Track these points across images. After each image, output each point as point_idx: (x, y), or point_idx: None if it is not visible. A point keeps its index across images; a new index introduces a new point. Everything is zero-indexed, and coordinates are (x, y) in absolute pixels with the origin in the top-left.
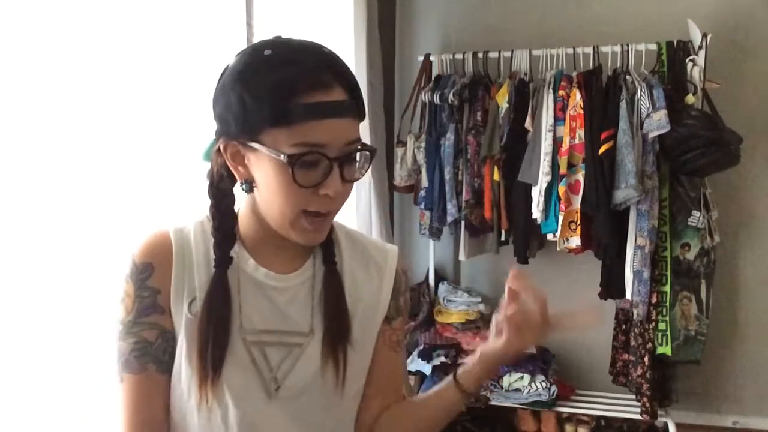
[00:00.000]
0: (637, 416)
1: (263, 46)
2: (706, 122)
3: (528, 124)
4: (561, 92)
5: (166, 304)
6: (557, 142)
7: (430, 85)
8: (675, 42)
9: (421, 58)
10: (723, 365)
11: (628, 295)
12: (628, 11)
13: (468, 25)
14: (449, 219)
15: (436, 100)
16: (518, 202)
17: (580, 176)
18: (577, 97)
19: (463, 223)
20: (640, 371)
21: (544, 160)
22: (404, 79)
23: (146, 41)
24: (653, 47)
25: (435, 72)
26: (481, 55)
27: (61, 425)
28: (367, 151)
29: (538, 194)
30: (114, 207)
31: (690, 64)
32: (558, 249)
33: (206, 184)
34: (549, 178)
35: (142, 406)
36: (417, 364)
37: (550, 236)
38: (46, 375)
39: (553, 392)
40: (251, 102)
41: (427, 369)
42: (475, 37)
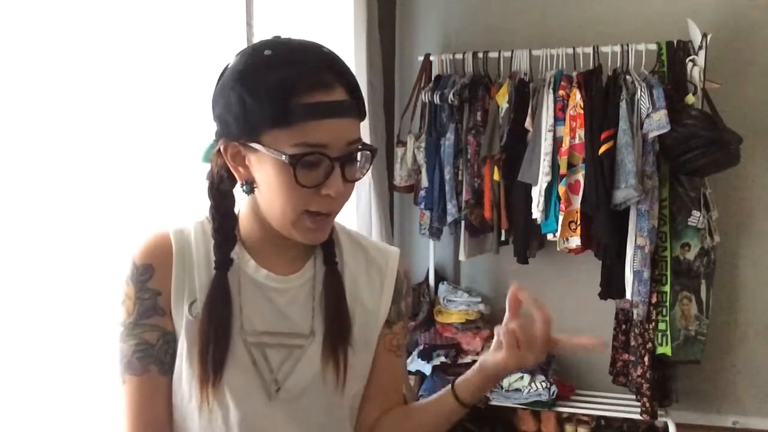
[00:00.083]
0: (637, 416)
1: (263, 46)
2: (706, 122)
3: (528, 124)
4: (561, 92)
5: (167, 305)
6: (557, 142)
7: (430, 85)
8: (675, 42)
9: (421, 58)
10: (723, 365)
11: (628, 295)
12: (628, 11)
13: (468, 25)
14: (449, 219)
15: (436, 100)
16: (518, 202)
17: (580, 176)
18: (577, 97)
19: (463, 223)
20: (640, 371)
21: (544, 160)
22: (404, 79)
23: (146, 41)
24: (653, 47)
25: (435, 72)
26: (481, 55)
27: (61, 425)
28: (368, 151)
29: (538, 194)
30: (114, 208)
31: (690, 64)
32: (558, 249)
33: (206, 185)
34: (549, 178)
35: (144, 408)
36: (417, 364)
37: (550, 236)
38: (46, 375)
39: (553, 392)
40: (252, 102)
41: (427, 369)
42: (475, 37)
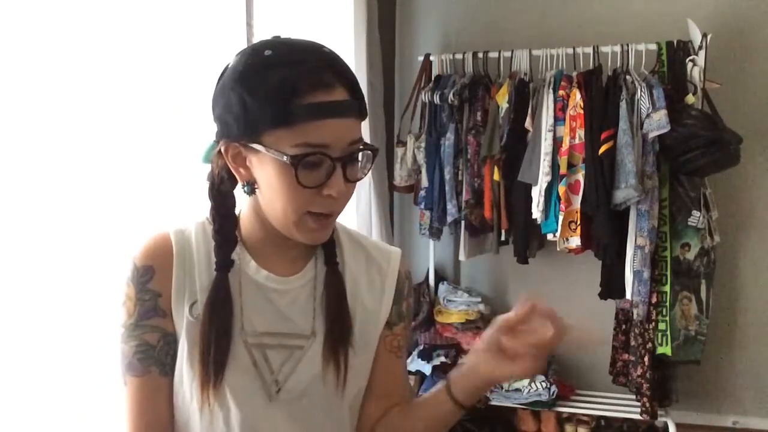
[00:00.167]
0: (637, 416)
1: (263, 46)
2: (706, 122)
3: (528, 124)
4: (561, 92)
5: (168, 307)
6: (557, 142)
7: (430, 85)
8: (675, 42)
9: (421, 58)
10: (723, 365)
11: (628, 295)
12: (628, 11)
13: (468, 25)
14: (449, 219)
15: (436, 100)
16: (518, 202)
17: (580, 176)
18: (577, 97)
19: (463, 223)
20: (640, 371)
21: (544, 160)
22: (404, 79)
23: (146, 41)
24: (653, 47)
25: (435, 72)
26: (481, 55)
27: (61, 425)
28: (369, 151)
29: (538, 194)
30: (114, 208)
31: (690, 64)
32: (558, 249)
33: (207, 186)
34: (549, 178)
35: (146, 409)
36: (417, 364)
37: (550, 236)
38: (47, 375)
39: (553, 392)
40: (252, 103)
41: (427, 369)
42: (475, 37)
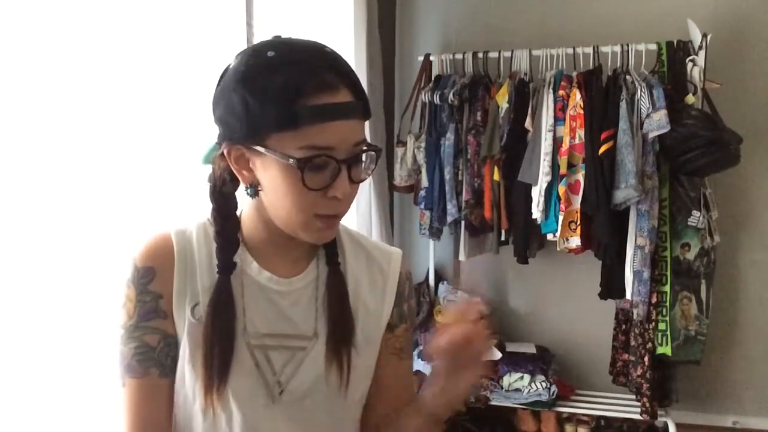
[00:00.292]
0: (637, 416)
1: (265, 47)
2: (706, 122)
3: (528, 124)
4: (561, 92)
5: (168, 308)
6: (557, 142)
7: (430, 85)
8: (675, 42)
9: (421, 58)
10: (723, 365)
11: (628, 295)
12: (628, 11)
13: (468, 25)
14: (449, 219)
15: (436, 100)
16: (518, 202)
17: (580, 176)
18: (577, 97)
19: (463, 223)
20: (640, 371)
21: (544, 160)
22: (404, 79)
23: (146, 41)
24: (653, 47)
25: (435, 72)
26: (481, 55)
27: (61, 425)
28: (372, 152)
29: (538, 194)
30: (115, 209)
31: (690, 64)
32: (558, 249)
33: (208, 187)
34: (549, 178)
35: (144, 410)
36: (417, 364)
37: (550, 236)
38: (47, 375)
39: (553, 392)
40: (256, 105)
41: (427, 369)
42: (475, 37)
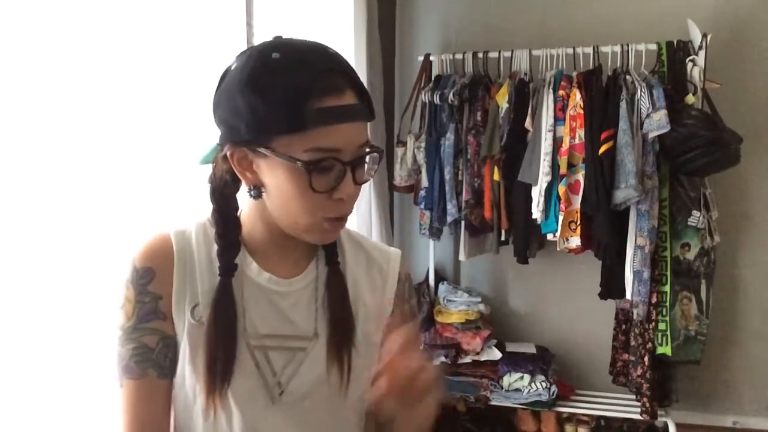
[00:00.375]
0: (637, 416)
1: (269, 48)
2: (706, 122)
3: (528, 124)
4: (561, 92)
5: (168, 309)
6: (557, 142)
7: (430, 85)
8: (675, 42)
9: (421, 58)
10: (723, 365)
11: (628, 295)
12: (628, 11)
13: (468, 25)
14: (449, 219)
15: (436, 100)
16: (518, 202)
17: (580, 176)
18: (577, 97)
19: (463, 223)
20: (640, 371)
21: (544, 160)
22: (404, 79)
23: (146, 41)
24: (653, 47)
25: (435, 72)
26: (481, 55)
27: (61, 425)
28: (375, 153)
29: (538, 194)
30: (114, 209)
31: (690, 64)
32: (558, 249)
33: (208, 188)
34: (549, 178)
35: (142, 411)
36: None
37: (550, 236)
38: (46, 375)
39: (553, 392)
40: (263, 107)
41: None
42: (475, 37)
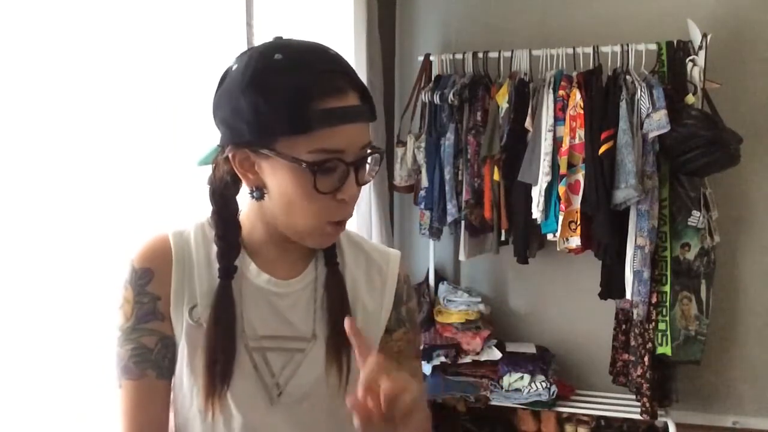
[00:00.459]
0: (637, 416)
1: (271, 49)
2: (706, 122)
3: (528, 124)
4: (561, 92)
5: (166, 310)
6: (557, 142)
7: (430, 85)
8: (675, 42)
9: (421, 58)
10: (723, 365)
11: (628, 295)
12: (628, 11)
13: (468, 25)
14: (449, 219)
15: (436, 100)
16: (518, 202)
17: (580, 176)
18: (577, 97)
19: (463, 223)
20: (640, 371)
21: (544, 160)
22: (404, 79)
23: (146, 41)
24: (653, 47)
25: (435, 72)
26: (481, 55)
27: (61, 425)
28: (377, 154)
29: (538, 194)
30: (113, 210)
31: (690, 64)
32: (558, 249)
33: (208, 190)
34: (549, 178)
35: (141, 412)
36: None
37: (550, 236)
38: (46, 375)
39: (553, 392)
40: (266, 109)
41: (427, 369)
42: (475, 37)
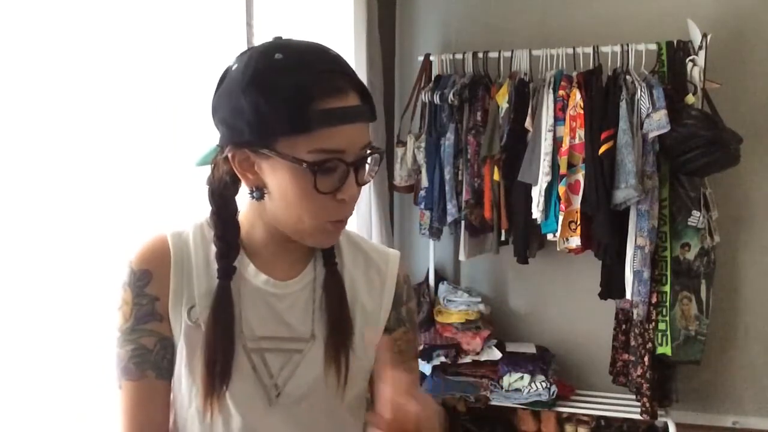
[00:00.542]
0: (637, 416)
1: (271, 49)
2: (706, 122)
3: (528, 124)
4: (561, 92)
5: (165, 311)
6: (557, 142)
7: (430, 85)
8: (675, 42)
9: (421, 58)
10: (723, 365)
11: (628, 295)
12: (628, 11)
13: (468, 25)
14: (449, 219)
15: (436, 100)
16: (518, 202)
17: (580, 176)
18: (577, 97)
19: (463, 223)
20: (640, 371)
21: (544, 160)
22: (404, 79)
23: (146, 41)
24: (653, 47)
25: (435, 72)
26: (481, 55)
27: (61, 425)
28: (377, 154)
29: (538, 194)
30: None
31: (690, 64)
32: (558, 249)
33: (207, 190)
34: (549, 178)
35: (141, 413)
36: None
37: (550, 236)
38: (46, 375)
39: (553, 392)
40: (267, 108)
41: (427, 369)
42: (475, 37)
